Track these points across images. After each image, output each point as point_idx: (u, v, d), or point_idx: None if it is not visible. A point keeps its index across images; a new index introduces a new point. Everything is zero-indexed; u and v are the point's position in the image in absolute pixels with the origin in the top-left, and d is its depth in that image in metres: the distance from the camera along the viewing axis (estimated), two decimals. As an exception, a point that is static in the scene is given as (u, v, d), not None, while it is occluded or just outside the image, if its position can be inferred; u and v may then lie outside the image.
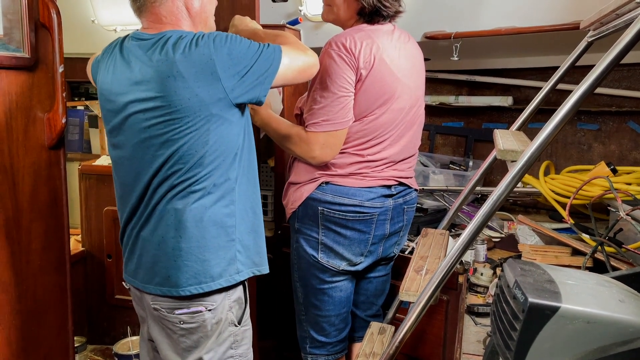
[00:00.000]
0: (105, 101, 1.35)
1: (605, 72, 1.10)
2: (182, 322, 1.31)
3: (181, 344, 1.33)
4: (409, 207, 1.76)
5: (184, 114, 1.21)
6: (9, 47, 1.44)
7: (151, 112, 1.23)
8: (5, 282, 1.49)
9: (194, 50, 1.19)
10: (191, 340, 1.32)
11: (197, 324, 1.31)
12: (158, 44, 1.23)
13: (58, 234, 1.65)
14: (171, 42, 1.21)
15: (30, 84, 1.51)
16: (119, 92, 1.29)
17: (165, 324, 1.33)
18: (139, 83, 1.23)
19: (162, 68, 1.20)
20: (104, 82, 1.35)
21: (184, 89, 1.19)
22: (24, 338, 1.56)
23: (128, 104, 1.26)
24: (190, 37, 1.22)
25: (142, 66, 1.24)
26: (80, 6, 3.00)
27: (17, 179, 1.50)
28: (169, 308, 1.30)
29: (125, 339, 2.68)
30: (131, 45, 1.29)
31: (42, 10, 1.50)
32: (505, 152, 1.22)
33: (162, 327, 1.35)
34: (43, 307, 1.62)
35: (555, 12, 1.97)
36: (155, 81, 1.21)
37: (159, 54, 1.21)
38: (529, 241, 1.90)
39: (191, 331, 1.32)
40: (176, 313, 1.30)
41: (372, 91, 1.57)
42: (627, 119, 2.34)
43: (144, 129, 1.25)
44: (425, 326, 1.91)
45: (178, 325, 1.31)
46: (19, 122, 1.49)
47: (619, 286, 0.84)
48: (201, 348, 1.33)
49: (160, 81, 1.20)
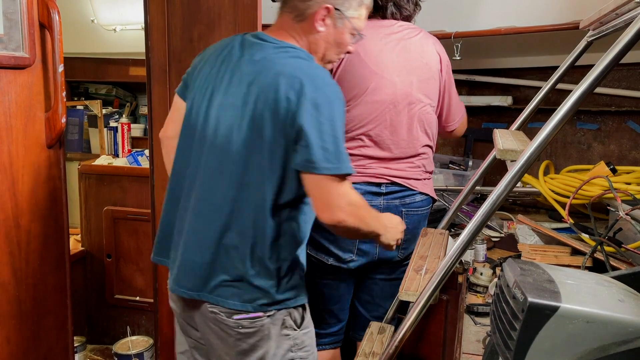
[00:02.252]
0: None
1: (605, 71, 1.10)
2: (241, 327, 1.29)
3: (237, 347, 1.31)
4: (410, 210, 1.72)
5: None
6: (9, 46, 1.44)
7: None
8: (5, 282, 1.49)
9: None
10: (247, 344, 1.31)
11: (256, 329, 1.30)
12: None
13: (57, 233, 1.65)
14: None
15: (29, 83, 1.51)
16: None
17: (221, 327, 1.31)
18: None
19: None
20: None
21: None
22: (24, 338, 1.56)
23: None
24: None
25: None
26: (80, 6, 3.00)
27: (16, 179, 1.50)
28: (228, 312, 1.28)
29: (124, 339, 2.69)
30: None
31: (41, 10, 1.50)
32: (505, 152, 1.22)
33: (217, 330, 1.32)
34: (42, 307, 1.62)
35: (554, 12, 1.97)
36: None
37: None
38: (528, 241, 1.90)
39: (248, 335, 1.30)
40: (235, 318, 1.28)
41: (344, 83, 1.61)
42: (627, 118, 2.34)
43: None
44: (425, 326, 1.91)
45: (236, 329, 1.29)
46: (19, 122, 1.49)
47: (619, 286, 0.84)
48: (258, 352, 1.32)
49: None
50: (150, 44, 2.04)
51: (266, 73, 1.23)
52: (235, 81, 1.28)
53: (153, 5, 2.00)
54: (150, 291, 2.60)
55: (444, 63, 1.77)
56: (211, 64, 1.35)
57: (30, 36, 1.48)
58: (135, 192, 2.71)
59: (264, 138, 1.23)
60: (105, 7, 2.99)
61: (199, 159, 1.31)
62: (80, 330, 2.79)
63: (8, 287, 1.50)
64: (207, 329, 1.34)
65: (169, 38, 1.98)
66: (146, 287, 2.76)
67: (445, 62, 1.77)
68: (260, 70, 1.25)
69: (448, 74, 1.79)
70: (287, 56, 1.27)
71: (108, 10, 3.00)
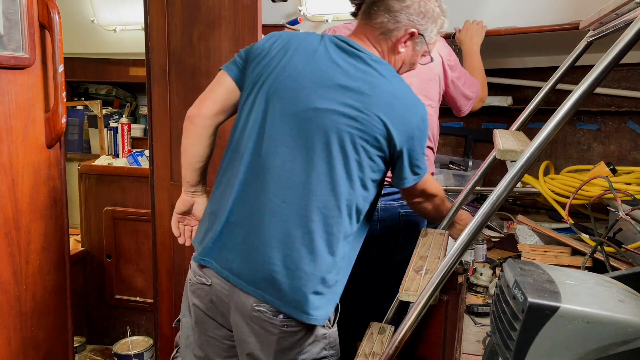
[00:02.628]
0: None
1: (605, 72, 1.10)
2: (286, 326, 1.29)
3: (277, 345, 1.31)
4: (409, 212, 1.74)
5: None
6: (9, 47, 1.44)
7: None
8: (5, 282, 1.49)
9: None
10: (289, 343, 1.31)
11: (299, 328, 1.30)
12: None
13: (57, 234, 1.65)
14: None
15: (29, 83, 1.51)
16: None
17: (263, 325, 1.30)
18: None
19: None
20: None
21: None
22: (24, 338, 1.56)
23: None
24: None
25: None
26: (80, 6, 3.00)
27: (16, 179, 1.50)
28: (274, 311, 1.29)
29: (124, 339, 2.69)
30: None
31: (41, 10, 1.50)
32: (505, 152, 1.22)
33: (257, 329, 1.32)
34: (42, 307, 1.62)
35: (554, 12, 1.97)
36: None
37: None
38: (528, 241, 1.90)
39: (292, 334, 1.30)
40: (280, 317, 1.29)
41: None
42: (627, 118, 2.34)
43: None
44: (425, 326, 1.91)
45: (280, 327, 1.29)
46: (19, 122, 1.49)
47: (619, 286, 0.84)
48: (297, 350, 1.32)
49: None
50: (150, 44, 2.04)
51: (372, 88, 1.28)
52: (337, 87, 1.28)
53: (153, 6, 2.00)
54: (150, 291, 2.60)
55: (446, 61, 1.78)
56: (298, 59, 1.32)
57: (30, 36, 1.48)
58: (135, 192, 2.71)
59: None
60: (105, 7, 3.00)
61: (296, 148, 1.28)
62: (80, 330, 2.79)
63: (8, 287, 1.50)
64: (243, 326, 1.33)
65: (169, 38, 1.98)
66: (146, 288, 2.76)
67: (447, 60, 1.78)
68: (366, 83, 1.29)
69: (453, 69, 1.80)
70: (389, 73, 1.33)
71: (108, 10, 3.00)
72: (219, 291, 1.35)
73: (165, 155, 2.07)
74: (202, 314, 1.41)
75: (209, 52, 1.88)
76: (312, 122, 1.27)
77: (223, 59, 1.85)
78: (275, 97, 1.30)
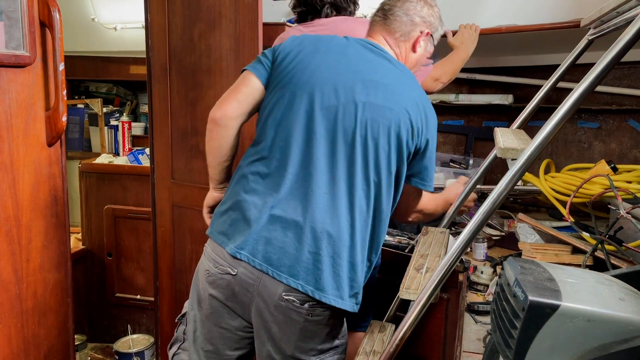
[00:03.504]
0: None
1: (606, 70, 1.10)
2: (311, 315, 1.33)
3: (300, 333, 1.35)
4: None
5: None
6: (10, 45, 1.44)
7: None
8: (5, 280, 1.49)
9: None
10: (310, 331, 1.35)
11: (323, 317, 1.35)
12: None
13: (58, 232, 1.65)
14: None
15: (30, 82, 1.51)
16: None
17: (289, 313, 1.33)
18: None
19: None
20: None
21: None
22: (25, 336, 1.56)
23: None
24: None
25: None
26: (80, 4, 3.00)
27: (17, 177, 1.50)
28: (302, 300, 1.32)
29: (125, 337, 2.69)
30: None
31: (42, 8, 1.50)
32: (506, 151, 1.22)
33: (280, 318, 1.34)
34: (43, 305, 1.62)
35: (555, 10, 1.96)
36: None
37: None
38: (529, 239, 1.90)
39: (316, 322, 1.35)
40: (307, 305, 1.32)
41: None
42: (628, 117, 2.33)
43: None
44: (425, 324, 1.91)
45: (305, 316, 1.33)
46: (19, 121, 1.49)
47: (619, 284, 0.84)
48: (318, 339, 1.37)
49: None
50: (151, 42, 2.04)
51: (401, 86, 1.39)
52: (371, 82, 1.36)
53: (154, 4, 2.00)
54: (150, 290, 2.60)
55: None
56: (331, 56, 1.39)
57: (31, 35, 1.48)
58: (136, 190, 2.71)
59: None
60: (106, 5, 3.00)
61: (337, 141, 1.34)
62: (81, 328, 2.80)
63: (9, 286, 1.50)
64: (266, 315, 1.35)
65: (170, 36, 1.98)
66: (147, 286, 2.76)
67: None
68: (395, 80, 1.39)
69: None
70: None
71: (108, 8, 3.00)
72: (244, 281, 1.35)
73: (166, 153, 2.07)
74: (220, 304, 1.42)
75: (209, 50, 1.88)
76: (352, 115, 1.33)
77: (224, 57, 1.84)
78: (317, 91, 1.35)
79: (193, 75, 1.94)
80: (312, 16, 1.90)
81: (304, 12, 1.91)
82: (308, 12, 1.90)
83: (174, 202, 2.08)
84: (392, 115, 1.34)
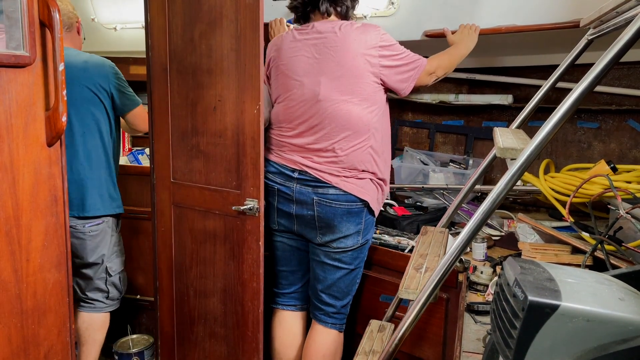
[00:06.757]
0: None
1: (605, 70, 1.10)
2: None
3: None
4: (323, 199, 1.84)
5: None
6: (9, 45, 1.44)
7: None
8: (5, 280, 1.49)
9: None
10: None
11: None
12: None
13: (58, 232, 1.65)
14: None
15: (30, 82, 1.51)
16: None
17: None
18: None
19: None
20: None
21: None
22: (24, 336, 1.56)
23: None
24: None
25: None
26: (80, 4, 3.00)
27: (17, 177, 1.50)
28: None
29: (125, 337, 2.69)
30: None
31: (42, 8, 1.50)
32: (505, 150, 1.22)
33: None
34: (43, 305, 1.62)
35: (555, 10, 1.97)
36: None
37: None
38: (528, 239, 1.90)
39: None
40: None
41: (273, 86, 2.00)
42: (627, 117, 2.34)
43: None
44: (425, 324, 1.92)
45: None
46: (19, 121, 1.49)
47: (619, 284, 0.84)
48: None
49: None
50: (151, 42, 2.04)
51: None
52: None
53: (154, 4, 2.00)
54: (150, 289, 2.60)
55: (369, 52, 1.81)
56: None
57: (31, 35, 1.47)
58: (136, 190, 2.71)
59: None
60: (106, 5, 2.99)
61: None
62: (80, 328, 2.79)
63: (9, 286, 1.50)
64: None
65: (170, 37, 1.98)
66: (146, 286, 2.76)
67: (370, 50, 1.81)
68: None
69: (381, 56, 1.82)
70: None
71: (108, 9, 3.00)
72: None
73: (166, 153, 2.07)
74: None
75: (210, 50, 1.88)
76: None
77: (224, 58, 1.84)
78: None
79: (194, 76, 1.94)
80: (311, 8, 1.94)
81: (304, 3, 1.95)
82: (307, 5, 1.94)
83: (174, 202, 2.08)
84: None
